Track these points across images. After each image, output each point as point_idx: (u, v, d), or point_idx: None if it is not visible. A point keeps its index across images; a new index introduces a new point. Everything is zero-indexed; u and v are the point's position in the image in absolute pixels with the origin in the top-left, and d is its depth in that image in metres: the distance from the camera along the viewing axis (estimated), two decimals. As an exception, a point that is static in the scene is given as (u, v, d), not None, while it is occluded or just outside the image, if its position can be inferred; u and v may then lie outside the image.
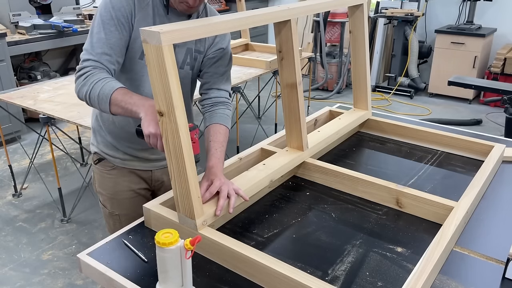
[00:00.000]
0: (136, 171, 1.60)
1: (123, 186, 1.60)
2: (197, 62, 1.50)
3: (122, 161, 1.57)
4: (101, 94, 1.27)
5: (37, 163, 3.68)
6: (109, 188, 1.61)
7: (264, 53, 3.87)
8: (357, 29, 1.88)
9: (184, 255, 1.00)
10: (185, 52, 1.45)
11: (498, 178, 1.61)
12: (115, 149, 1.56)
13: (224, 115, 1.48)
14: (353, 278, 1.12)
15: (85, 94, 1.32)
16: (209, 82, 1.51)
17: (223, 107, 1.50)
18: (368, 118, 2.02)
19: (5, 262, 2.59)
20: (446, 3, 5.58)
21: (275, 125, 4.25)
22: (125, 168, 1.58)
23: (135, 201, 1.60)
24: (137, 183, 1.61)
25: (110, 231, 1.67)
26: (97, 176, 1.64)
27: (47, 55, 4.82)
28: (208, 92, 1.52)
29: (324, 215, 1.40)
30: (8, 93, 2.95)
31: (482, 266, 1.18)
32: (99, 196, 1.67)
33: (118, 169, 1.58)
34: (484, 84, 4.05)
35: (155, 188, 1.67)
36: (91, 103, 1.33)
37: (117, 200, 1.61)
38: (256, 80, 4.33)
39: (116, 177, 1.59)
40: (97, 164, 1.61)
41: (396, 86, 5.55)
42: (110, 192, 1.61)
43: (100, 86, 1.27)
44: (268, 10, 1.40)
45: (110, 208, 1.63)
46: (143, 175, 1.61)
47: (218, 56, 1.50)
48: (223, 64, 1.52)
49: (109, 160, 1.58)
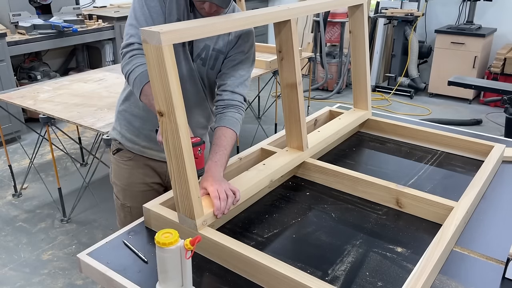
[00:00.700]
0: (151, 164, 1.62)
1: (137, 178, 1.63)
2: (218, 62, 1.49)
3: (141, 148, 1.59)
4: (137, 80, 1.33)
5: (37, 163, 3.68)
6: (124, 179, 1.64)
7: (264, 53, 3.88)
8: (357, 29, 1.88)
9: (184, 255, 1.00)
10: (202, 47, 1.45)
11: (498, 178, 1.61)
12: (137, 133, 1.58)
13: (233, 119, 1.45)
14: (353, 278, 1.12)
15: (125, 74, 1.38)
16: (225, 84, 1.49)
17: (234, 110, 1.47)
18: (368, 118, 2.02)
19: (5, 262, 2.59)
20: (446, 3, 5.58)
21: (275, 125, 4.25)
22: (141, 158, 1.61)
23: (148, 194, 1.61)
24: (152, 176, 1.64)
25: (120, 224, 1.70)
26: (113, 166, 1.68)
27: (47, 55, 4.82)
28: (222, 94, 1.49)
29: (324, 215, 1.40)
30: (8, 93, 2.94)
31: (482, 266, 1.18)
32: (113, 187, 1.70)
33: (135, 160, 1.61)
34: (484, 84, 4.05)
35: (168, 184, 1.68)
36: (129, 83, 1.39)
37: (130, 192, 1.64)
38: (256, 80, 4.33)
39: (131, 168, 1.62)
40: (115, 154, 1.65)
41: (396, 86, 5.55)
42: (124, 183, 1.64)
43: (139, 71, 1.33)
44: (268, 10, 1.40)
45: (123, 199, 1.66)
46: (158, 169, 1.64)
47: (239, 59, 1.49)
48: (242, 68, 1.50)
49: (127, 148, 1.61)
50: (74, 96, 2.84)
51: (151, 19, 1.37)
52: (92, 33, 4.62)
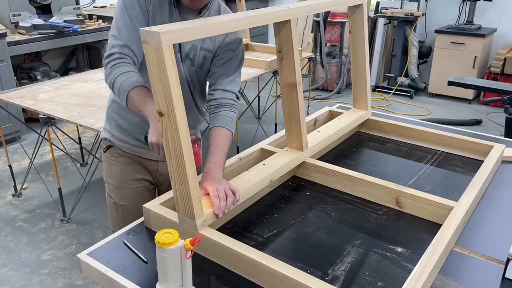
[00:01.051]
0: (142, 161, 1.63)
1: (128, 175, 1.64)
2: (207, 61, 1.50)
3: (131, 147, 1.60)
4: (121, 89, 1.33)
5: (37, 163, 3.68)
6: (116, 177, 1.64)
7: (264, 53, 3.87)
8: (357, 29, 1.88)
9: (184, 255, 1.00)
10: (190, 47, 1.45)
11: (498, 178, 1.61)
12: (126, 134, 1.59)
13: (227, 118, 1.45)
14: (353, 278, 1.12)
15: (109, 83, 1.38)
16: (216, 83, 1.50)
17: (228, 109, 1.47)
18: (368, 118, 2.02)
19: (5, 262, 2.59)
20: (446, 3, 5.58)
21: (275, 125, 4.25)
22: (132, 156, 1.62)
23: (139, 192, 1.65)
24: (143, 173, 1.65)
25: (113, 225, 1.70)
26: (105, 164, 1.68)
27: (47, 55, 4.82)
28: (214, 93, 1.49)
29: (324, 215, 1.40)
30: (8, 93, 2.94)
31: (482, 266, 1.18)
32: (106, 186, 1.70)
33: (126, 156, 1.62)
34: (484, 84, 4.05)
35: (158, 183, 1.70)
36: (114, 93, 1.39)
37: (122, 189, 1.65)
38: (256, 80, 4.33)
39: (122, 165, 1.63)
40: (106, 152, 1.66)
41: (396, 86, 5.55)
42: (116, 181, 1.64)
43: (121, 80, 1.33)
44: (267, 10, 1.40)
45: (115, 198, 1.66)
46: (149, 166, 1.65)
47: (227, 57, 1.49)
48: (232, 65, 1.50)
49: (118, 146, 1.61)
50: (74, 96, 2.84)
51: (133, 28, 1.37)
52: (92, 33, 4.62)
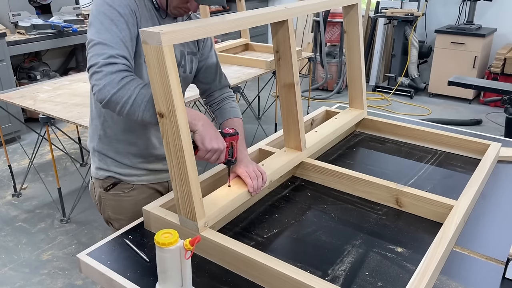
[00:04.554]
0: (153, 186, 1.54)
1: (143, 204, 1.40)
2: (194, 64, 1.49)
3: (138, 177, 1.49)
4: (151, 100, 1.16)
5: (37, 163, 3.68)
6: (129, 211, 1.49)
7: (264, 53, 3.87)
8: (352, 29, 1.88)
9: (184, 255, 1.00)
10: (180, 55, 1.42)
11: (495, 177, 1.62)
12: (128, 167, 1.47)
13: (233, 108, 1.55)
14: (353, 278, 1.12)
15: (126, 99, 1.18)
16: (209, 88, 1.57)
17: (228, 101, 1.57)
18: (364, 118, 2.02)
19: (4, 262, 2.59)
20: (446, 3, 5.58)
21: (275, 125, 4.25)
22: (143, 185, 1.51)
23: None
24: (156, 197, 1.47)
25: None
26: (111, 203, 1.51)
27: (46, 55, 4.82)
28: (212, 94, 1.58)
29: (324, 215, 1.40)
30: (8, 93, 2.94)
31: (482, 266, 1.18)
32: (113, 223, 1.55)
33: (137, 188, 1.50)
34: (484, 84, 4.05)
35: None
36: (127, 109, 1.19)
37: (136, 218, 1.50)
38: (256, 80, 4.32)
39: (135, 197, 1.50)
40: (111, 190, 1.49)
41: (396, 86, 5.55)
42: (130, 215, 1.47)
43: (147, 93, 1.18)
44: (265, 10, 1.39)
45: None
46: (160, 189, 1.56)
47: (206, 54, 1.53)
48: (212, 61, 1.55)
49: (126, 181, 1.49)
50: (74, 96, 2.84)
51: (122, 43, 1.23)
52: (92, 33, 4.61)
